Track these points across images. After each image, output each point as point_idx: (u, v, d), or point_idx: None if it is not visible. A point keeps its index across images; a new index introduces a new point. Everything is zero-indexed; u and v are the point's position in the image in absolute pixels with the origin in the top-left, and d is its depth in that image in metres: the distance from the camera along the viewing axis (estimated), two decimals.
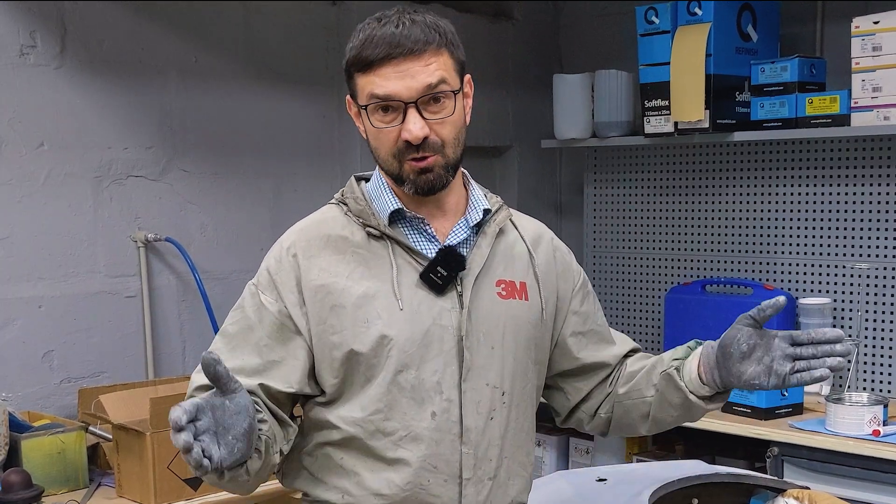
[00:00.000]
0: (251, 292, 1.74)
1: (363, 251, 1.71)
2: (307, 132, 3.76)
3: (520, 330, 1.76)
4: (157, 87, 3.34)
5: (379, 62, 1.63)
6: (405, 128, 1.64)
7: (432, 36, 1.65)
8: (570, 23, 4.45)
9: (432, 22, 1.67)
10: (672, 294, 3.90)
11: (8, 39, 3.01)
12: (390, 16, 1.66)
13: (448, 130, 1.67)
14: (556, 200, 4.55)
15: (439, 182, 1.69)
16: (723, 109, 3.53)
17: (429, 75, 1.63)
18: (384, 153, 1.68)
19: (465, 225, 1.76)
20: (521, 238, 1.83)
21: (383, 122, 1.66)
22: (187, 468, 2.63)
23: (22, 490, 2.51)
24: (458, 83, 1.69)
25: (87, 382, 3.15)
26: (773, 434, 3.08)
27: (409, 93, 1.63)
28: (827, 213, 3.63)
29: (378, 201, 1.75)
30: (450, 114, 1.67)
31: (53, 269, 3.13)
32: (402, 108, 1.64)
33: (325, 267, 1.69)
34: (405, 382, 1.67)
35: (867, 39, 3.21)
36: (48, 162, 3.11)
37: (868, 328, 3.53)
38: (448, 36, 1.68)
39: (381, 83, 1.63)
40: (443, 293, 1.70)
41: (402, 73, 1.62)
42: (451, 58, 1.68)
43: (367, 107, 1.65)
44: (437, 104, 1.65)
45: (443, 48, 1.66)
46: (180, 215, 3.42)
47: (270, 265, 1.73)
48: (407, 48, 1.62)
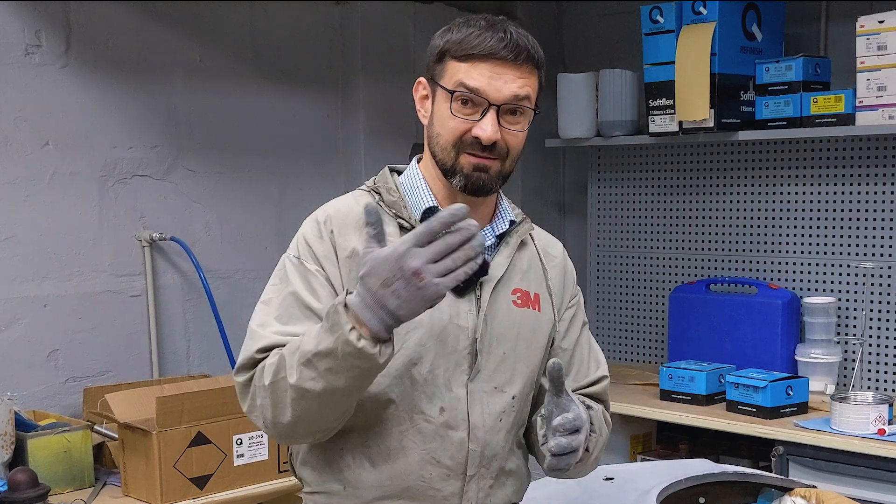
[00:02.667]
0: (294, 264, 1.71)
1: (393, 240, 1.67)
2: (312, 131, 3.76)
3: (532, 339, 1.79)
4: (162, 86, 3.35)
5: (482, 56, 1.66)
6: (480, 126, 1.66)
7: (534, 54, 1.70)
8: (573, 22, 4.45)
9: (534, 42, 1.71)
10: (676, 293, 3.90)
11: (13, 39, 3.01)
12: (498, 21, 1.70)
13: (515, 143, 1.71)
14: (560, 200, 4.55)
15: (489, 185, 1.71)
16: (727, 109, 3.53)
17: (519, 87, 1.68)
18: (446, 141, 1.69)
19: (490, 232, 1.78)
20: (537, 252, 1.86)
21: (461, 113, 1.67)
22: (193, 467, 2.64)
23: (28, 489, 2.52)
24: (535, 107, 1.73)
25: (93, 381, 3.16)
26: (777, 433, 3.08)
27: (497, 95, 1.66)
28: (831, 213, 3.63)
29: (412, 196, 1.75)
30: (523, 129, 1.71)
31: (59, 269, 3.13)
32: (485, 108, 1.66)
33: (357, 241, 1.69)
34: (418, 375, 1.68)
35: (872, 39, 3.20)
36: (53, 161, 3.11)
37: (873, 327, 3.53)
38: (542, 61, 1.73)
39: (475, 76, 1.66)
40: (462, 295, 1.71)
41: (498, 76, 1.66)
42: (539, 81, 1.74)
43: (453, 93, 1.67)
44: (513, 116, 1.69)
45: (537, 70, 1.72)
46: (185, 214, 3.43)
47: (308, 237, 1.72)
48: (512, 55, 1.66)
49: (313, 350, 1.53)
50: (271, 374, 1.59)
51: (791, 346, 3.58)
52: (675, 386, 3.42)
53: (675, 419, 3.35)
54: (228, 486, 2.71)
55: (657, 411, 3.39)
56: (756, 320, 3.63)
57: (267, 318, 1.68)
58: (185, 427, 2.64)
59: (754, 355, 3.59)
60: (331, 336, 1.50)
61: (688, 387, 3.39)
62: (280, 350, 1.61)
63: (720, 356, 3.63)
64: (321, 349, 1.51)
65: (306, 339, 1.56)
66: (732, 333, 3.69)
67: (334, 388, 1.54)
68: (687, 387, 3.39)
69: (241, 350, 1.69)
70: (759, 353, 3.59)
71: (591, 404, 1.81)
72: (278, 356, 1.59)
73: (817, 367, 3.47)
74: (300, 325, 1.65)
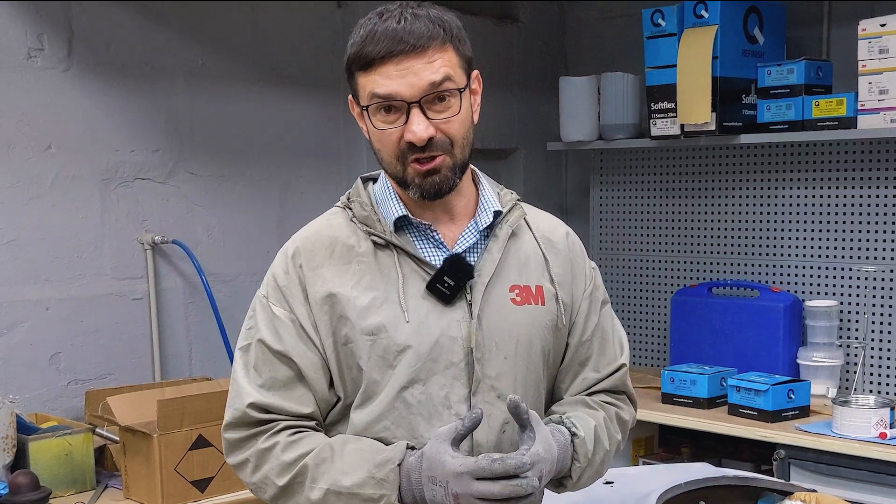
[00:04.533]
0: (262, 305, 1.67)
1: (368, 260, 1.63)
2: (313, 134, 3.77)
3: (534, 337, 1.68)
4: (164, 89, 3.35)
5: (380, 60, 1.54)
6: (408, 129, 1.55)
7: (436, 31, 1.55)
8: (575, 25, 4.45)
9: (436, 16, 1.58)
10: (679, 296, 3.89)
11: (15, 42, 3.02)
12: (392, 10, 1.57)
13: (456, 129, 1.58)
14: (562, 203, 4.55)
15: (446, 184, 1.60)
16: (729, 112, 3.53)
17: (433, 73, 1.54)
18: (387, 155, 1.60)
19: (474, 229, 1.68)
20: (535, 239, 1.74)
21: (386, 122, 1.57)
22: (194, 470, 2.65)
23: (29, 492, 2.52)
24: (465, 80, 1.60)
25: (94, 384, 3.16)
26: (779, 437, 3.08)
27: (411, 91, 1.54)
28: (833, 216, 3.63)
29: (384, 206, 1.67)
30: (456, 112, 1.58)
31: (61, 272, 3.14)
32: (406, 108, 1.55)
33: (330, 277, 1.62)
34: (412, 398, 1.60)
35: (874, 42, 3.20)
36: (55, 164, 3.11)
37: (875, 330, 3.53)
38: (453, 31, 1.59)
39: (382, 82, 1.54)
40: (451, 303, 1.62)
41: (405, 71, 1.53)
42: (457, 54, 1.59)
43: (369, 107, 1.57)
44: (442, 103, 1.56)
45: (447, 44, 1.57)
46: (187, 218, 3.43)
47: (277, 274, 1.66)
48: (409, 44, 1.53)
49: (351, 488, 1.54)
50: (288, 475, 1.58)
51: (793, 349, 3.58)
52: (676, 389, 3.42)
53: (677, 422, 3.35)
54: (229, 489, 2.71)
55: (659, 415, 3.38)
56: (758, 323, 3.63)
57: (248, 370, 1.65)
58: (186, 430, 2.64)
59: (756, 359, 3.59)
60: (377, 489, 1.53)
61: (689, 390, 3.39)
62: (296, 444, 1.60)
63: (722, 359, 3.63)
64: (361, 493, 1.54)
65: (341, 466, 1.55)
66: (734, 337, 3.69)
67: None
68: (689, 390, 3.39)
69: (229, 404, 1.66)
70: (760, 356, 3.59)
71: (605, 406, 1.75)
72: (300, 463, 1.58)
73: (819, 371, 3.46)
74: (271, 371, 1.63)
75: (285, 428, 1.61)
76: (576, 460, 1.66)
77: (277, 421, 1.62)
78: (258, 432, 1.62)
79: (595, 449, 1.68)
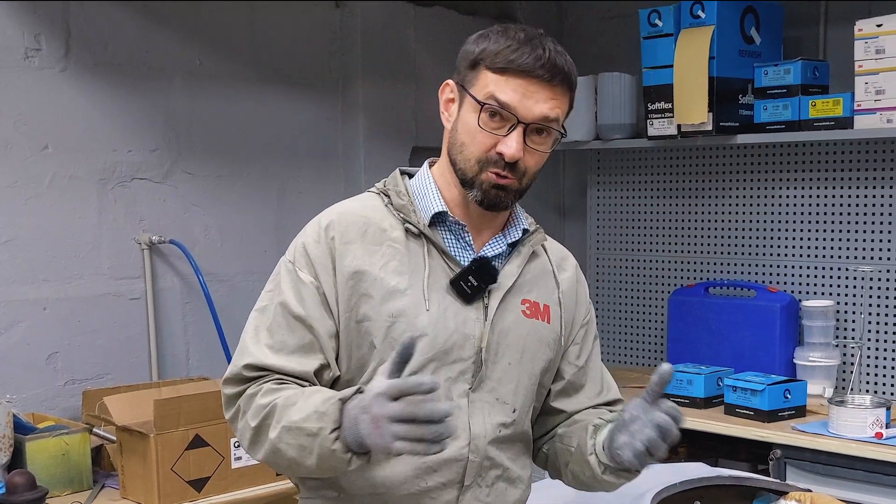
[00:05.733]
0: (288, 270, 1.71)
1: (399, 246, 1.70)
2: (311, 135, 3.77)
3: (538, 351, 1.77)
4: (161, 89, 3.36)
5: (517, 72, 1.63)
6: (506, 142, 1.64)
7: (570, 77, 1.68)
8: (573, 25, 4.45)
9: (571, 63, 1.69)
10: (675, 296, 3.90)
11: (13, 42, 3.02)
12: (537, 35, 1.67)
13: (536, 163, 1.70)
14: (559, 203, 4.55)
15: (504, 203, 1.71)
16: (726, 112, 3.53)
17: (550, 108, 1.65)
18: (471, 153, 1.67)
19: (502, 240, 1.77)
20: (549, 263, 1.84)
21: (488, 126, 1.65)
22: (191, 469, 2.65)
23: (26, 491, 2.52)
24: (562, 129, 1.71)
25: (92, 384, 3.16)
26: (775, 436, 3.08)
27: (527, 114, 1.64)
28: (830, 216, 3.63)
29: (422, 200, 1.74)
30: (546, 150, 1.69)
31: (58, 272, 3.14)
32: (513, 124, 1.64)
33: (360, 255, 1.68)
34: None
35: (870, 42, 3.21)
36: (53, 164, 3.12)
37: (871, 330, 3.53)
38: (576, 84, 1.71)
39: (508, 91, 1.63)
40: (470, 303, 1.70)
41: (531, 94, 1.63)
42: (569, 104, 1.71)
43: (483, 105, 1.64)
44: (539, 136, 1.67)
45: (570, 92, 1.69)
46: (185, 218, 3.43)
47: (308, 242, 1.71)
48: (549, 74, 1.64)
49: (298, 423, 1.56)
50: (259, 416, 1.61)
51: (789, 349, 3.58)
52: (673, 389, 3.42)
53: None
54: (226, 488, 2.72)
55: None
56: (754, 323, 3.64)
57: (259, 330, 1.69)
58: (182, 430, 2.64)
59: (753, 358, 3.59)
60: (317, 423, 1.53)
61: (686, 390, 3.39)
62: (275, 391, 1.62)
63: (719, 359, 3.63)
64: (304, 427, 1.54)
65: (299, 405, 1.57)
66: (731, 336, 3.70)
67: (301, 462, 1.58)
68: (685, 390, 3.39)
69: (232, 361, 1.71)
70: (757, 356, 3.60)
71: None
72: (271, 403, 1.60)
73: (815, 371, 3.47)
74: (285, 335, 1.67)
75: (273, 379, 1.65)
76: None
77: (269, 374, 1.66)
78: (249, 385, 1.66)
79: None
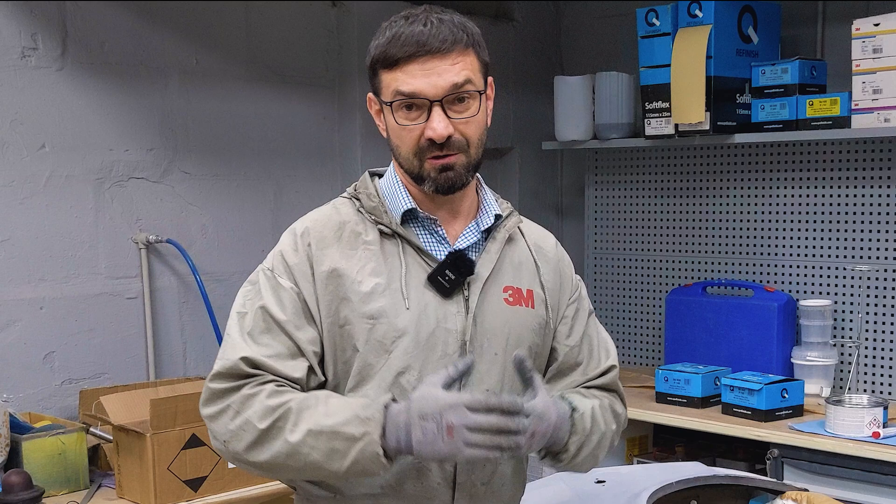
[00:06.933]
0: (267, 276, 1.71)
1: (375, 248, 1.70)
2: (308, 134, 3.77)
3: (524, 337, 1.75)
4: (158, 88, 3.35)
5: (406, 59, 1.63)
6: (430, 126, 1.63)
7: (460, 35, 1.65)
8: (570, 24, 4.45)
9: (460, 22, 1.67)
10: (673, 296, 3.90)
11: (9, 41, 3.02)
12: (418, 14, 1.66)
13: (472, 130, 1.68)
14: (557, 202, 4.55)
15: (459, 181, 1.69)
16: (723, 111, 3.53)
17: (455, 74, 1.64)
18: (406, 151, 1.68)
19: (475, 229, 1.76)
20: (527, 246, 1.82)
21: (407, 119, 1.65)
22: (187, 469, 2.65)
23: (22, 491, 2.52)
24: (483, 84, 1.70)
25: (88, 384, 3.16)
26: (772, 436, 3.08)
27: (434, 91, 1.63)
28: (827, 216, 3.63)
29: (391, 199, 1.74)
30: (474, 114, 1.67)
31: (55, 271, 3.14)
32: (427, 107, 1.63)
33: (337, 259, 1.68)
34: (407, 384, 1.65)
35: (868, 41, 3.21)
36: (50, 164, 3.11)
37: (868, 330, 3.53)
38: (475, 37, 1.68)
39: (407, 80, 1.63)
40: (450, 296, 1.69)
41: (429, 72, 1.62)
42: (477, 59, 1.69)
43: (392, 104, 1.65)
44: (461, 104, 1.66)
45: (469, 48, 1.67)
46: (181, 217, 3.43)
47: (285, 251, 1.71)
48: (434, 47, 1.62)
49: (332, 427, 1.55)
50: (270, 418, 1.59)
51: (787, 348, 3.58)
52: (670, 388, 3.42)
53: (671, 422, 3.35)
54: (222, 488, 2.71)
55: (653, 414, 3.39)
56: (752, 323, 3.64)
57: (242, 331, 1.68)
58: (179, 429, 2.64)
59: (750, 358, 3.59)
60: (361, 427, 1.54)
61: (684, 389, 3.39)
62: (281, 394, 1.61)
63: (716, 359, 3.63)
64: (343, 431, 1.54)
65: (324, 409, 1.57)
66: (728, 336, 3.69)
67: (328, 467, 1.57)
68: (683, 389, 3.39)
69: (219, 357, 1.68)
70: (754, 355, 3.60)
71: (599, 395, 1.80)
72: (283, 406, 1.59)
73: (813, 370, 3.47)
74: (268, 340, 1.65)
75: (272, 381, 1.64)
76: (573, 433, 1.70)
77: (266, 374, 1.64)
78: (245, 383, 1.63)
79: (592, 428, 1.74)
